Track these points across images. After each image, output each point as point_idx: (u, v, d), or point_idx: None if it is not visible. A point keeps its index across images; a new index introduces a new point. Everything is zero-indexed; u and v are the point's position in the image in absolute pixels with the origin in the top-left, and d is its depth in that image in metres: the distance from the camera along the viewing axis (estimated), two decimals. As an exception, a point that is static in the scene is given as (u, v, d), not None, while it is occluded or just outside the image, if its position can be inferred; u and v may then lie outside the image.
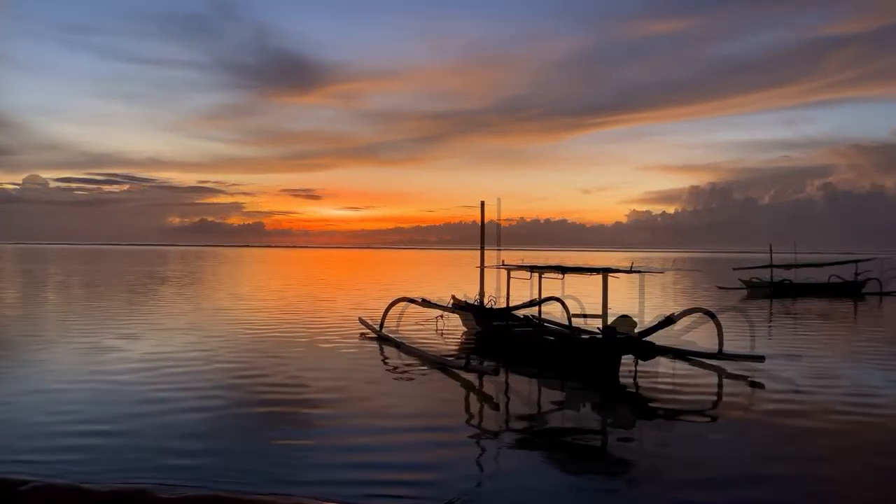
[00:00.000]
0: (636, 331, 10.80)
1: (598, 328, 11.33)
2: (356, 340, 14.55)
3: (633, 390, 10.07)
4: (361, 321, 16.69)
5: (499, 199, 16.14)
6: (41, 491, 5.42)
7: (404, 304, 16.16)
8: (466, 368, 10.75)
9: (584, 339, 11.56)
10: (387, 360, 12.26)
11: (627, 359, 11.19)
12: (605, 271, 11.47)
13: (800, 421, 8.25)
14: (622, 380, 10.63)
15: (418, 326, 16.65)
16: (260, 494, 5.49)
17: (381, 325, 15.11)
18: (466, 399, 9.56)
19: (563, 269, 13.14)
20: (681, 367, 11.76)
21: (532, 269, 14.09)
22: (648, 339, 10.97)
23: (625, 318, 10.77)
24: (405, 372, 11.21)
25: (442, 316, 16.98)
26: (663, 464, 6.56)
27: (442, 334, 15.57)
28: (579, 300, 15.23)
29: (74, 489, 5.47)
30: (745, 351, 12.81)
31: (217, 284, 34.99)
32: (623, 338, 10.69)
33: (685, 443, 7.36)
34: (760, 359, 11.74)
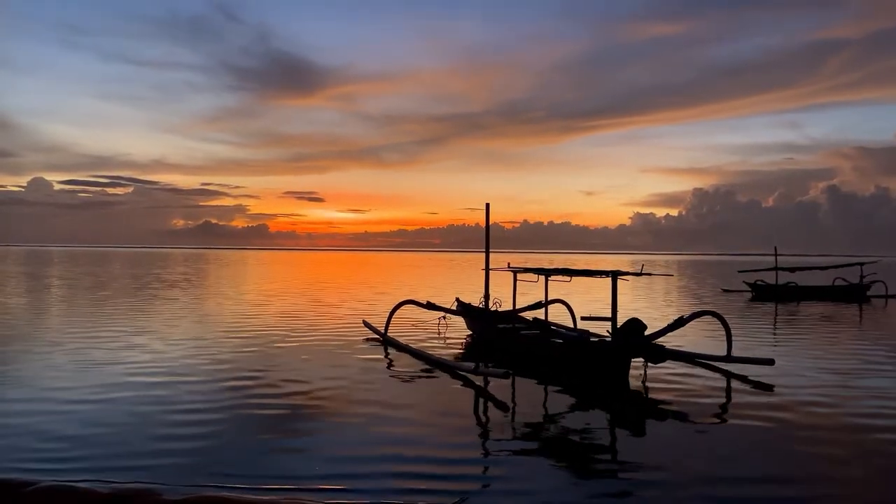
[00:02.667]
0: (646, 333, 10.70)
1: (608, 331, 11.24)
2: (360, 343, 14.47)
3: (643, 394, 9.99)
4: (365, 324, 16.63)
5: (487, 205, 16.00)
6: (44, 492, 5.38)
7: (408, 306, 16.10)
8: (476, 372, 10.66)
9: (593, 341, 11.45)
10: (392, 363, 12.19)
11: (636, 361, 11.12)
12: (615, 274, 11.37)
13: (811, 425, 8.17)
14: (630, 383, 10.55)
15: (421, 329, 16.57)
16: (263, 496, 5.44)
17: (387, 328, 15.04)
18: (474, 402, 9.49)
19: (570, 272, 13.01)
20: (690, 370, 11.66)
21: (539, 271, 13.99)
22: (658, 341, 10.87)
23: (634, 321, 10.65)
24: (411, 375, 11.14)
25: (445, 317, 16.87)
26: (673, 467, 6.47)
27: (444, 338, 15.49)
28: (584, 303, 15.13)
29: (77, 490, 5.43)
30: (754, 354, 12.73)
31: (220, 287, 35.01)
32: (633, 341, 10.57)
33: (695, 447, 7.27)
34: (770, 362, 11.65)
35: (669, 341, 11.92)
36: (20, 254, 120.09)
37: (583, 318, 12.30)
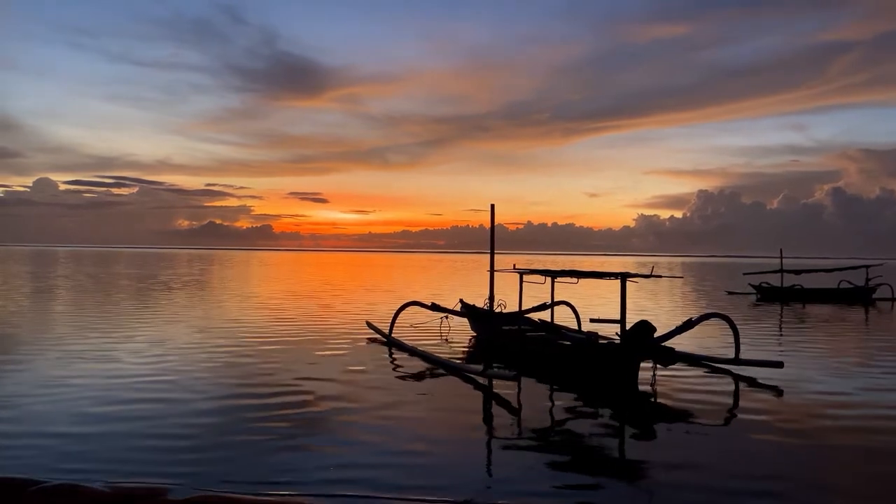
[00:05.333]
0: (655, 335, 10.59)
1: (617, 333, 11.13)
2: (364, 345, 14.42)
3: (652, 396, 9.91)
4: (369, 325, 16.57)
5: (492, 206, 15.81)
6: (48, 492, 5.35)
7: (412, 308, 16.02)
8: (484, 374, 10.60)
9: (601, 343, 11.35)
10: (397, 365, 12.14)
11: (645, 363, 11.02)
12: (624, 276, 11.26)
13: (822, 429, 8.09)
14: (638, 385, 10.47)
15: (425, 330, 16.47)
16: (267, 496, 5.40)
17: (391, 330, 14.98)
18: (480, 403, 9.43)
19: (578, 274, 12.86)
20: (698, 372, 11.59)
21: (546, 273, 13.88)
22: (667, 344, 10.77)
23: (643, 323, 10.54)
24: (416, 376, 11.10)
25: (447, 317, 16.75)
26: (681, 471, 6.40)
27: (448, 339, 15.41)
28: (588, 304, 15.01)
29: (82, 490, 5.40)
30: (762, 357, 12.63)
31: (225, 289, 35.07)
32: (642, 343, 10.47)
33: (704, 450, 7.20)
34: (779, 365, 11.54)
35: (677, 344, 11.82)
36: (25, 254, 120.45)
37: (591, 321, 12.17)
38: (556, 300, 14.97)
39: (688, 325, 11.01)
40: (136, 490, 5.49)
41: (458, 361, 12.19)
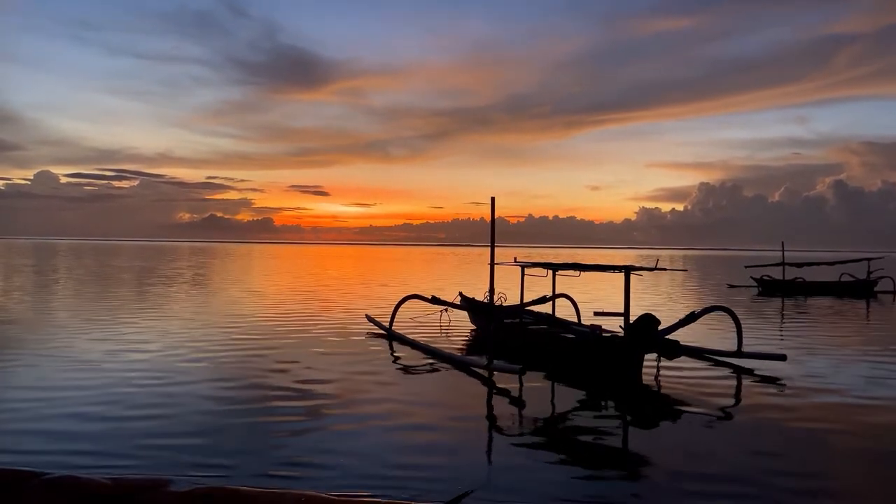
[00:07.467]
0: (658, 329, 10.55)
1: (620, 326, 11.10)
2: (365, 338, 14.39)
3: (655, 390, 9.90)
4: (369, 318, 16.54)
5: (493, 199, 15.67)
6: (52, 483, 5.35)
7: (411, 301, 15.99)
8: (488, 367, 10.57)
9: (606, 337, 11.31)
10: (398, 358, 12.13)
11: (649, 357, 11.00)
12: (628, 269, 11.21)
13: (824, 421, 8.08)
14: (642, 379, 10.45)
15: (425, 324, 16.46)
16: (270, 489, 5.39)
17: (391, 323, 14.95)
18: (482, 396, 9.41)
19: (580, 267, 12.79)
20: (701, 365, 11.57)
21: (547, 266, 13.81)
22: (670, 337, 10.74)
23: (647, 316, 10.50)
24: (417, 369, 11.08)
25: (447, 310, 16.71)
26: (685, 464, 6.39)
27: (448, 332, 15.39)
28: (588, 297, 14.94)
29: (85, 481, 5.39)
30: (766, 350, 12.61)
31: (226, 282, 35.09)
32: (647, 336, 10.43)
33: (707, 442, 7.20)
34: (782, 357, 11.52)
35: (679, 337, 11.81)
36: (26, 246, 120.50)
37: (595, 314, 12.11)
38: (556, 293, 14.90)
39: (691, 318, 10.98)
40: (138, 482, 5.49)
41: (464, 355, 12.17)
